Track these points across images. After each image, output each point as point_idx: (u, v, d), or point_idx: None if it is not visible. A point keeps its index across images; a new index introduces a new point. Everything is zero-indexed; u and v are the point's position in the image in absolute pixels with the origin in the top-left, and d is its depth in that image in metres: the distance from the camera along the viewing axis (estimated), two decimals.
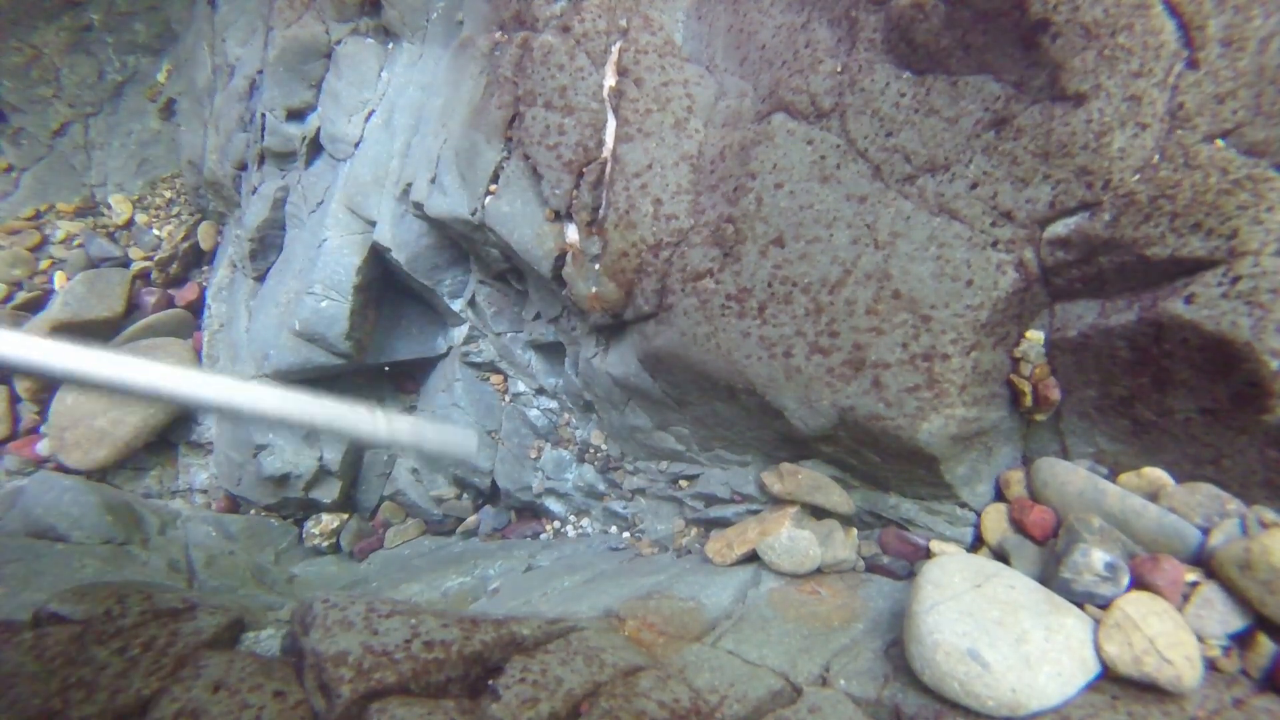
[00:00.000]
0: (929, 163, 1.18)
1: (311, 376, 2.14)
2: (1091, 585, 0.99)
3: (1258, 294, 0.95)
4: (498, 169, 1.68)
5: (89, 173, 3.28)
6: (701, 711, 0.96)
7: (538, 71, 1.58)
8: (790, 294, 1.26)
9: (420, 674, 0.92)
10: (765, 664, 1.10)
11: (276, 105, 2.29)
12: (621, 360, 1.59)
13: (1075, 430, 1.20)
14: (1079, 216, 1.06)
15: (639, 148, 1.47)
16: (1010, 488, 1.25)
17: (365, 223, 2.09)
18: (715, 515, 1.56)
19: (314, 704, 0.89)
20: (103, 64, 3.26)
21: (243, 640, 1.05)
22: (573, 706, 0.93)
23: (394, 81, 2.17)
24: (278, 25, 2.28)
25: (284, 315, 2.11)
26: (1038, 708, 0.89)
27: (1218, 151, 0.99)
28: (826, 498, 1.34)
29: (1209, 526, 1.03)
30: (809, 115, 1.30)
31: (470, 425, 1.92)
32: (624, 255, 1.46)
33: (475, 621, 1.06)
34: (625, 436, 1.76)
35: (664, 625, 1.21)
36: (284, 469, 2.11)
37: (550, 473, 1.99)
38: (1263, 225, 0.97)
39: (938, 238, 1.16)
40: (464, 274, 2.07)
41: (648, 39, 1.54)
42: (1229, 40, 1.00)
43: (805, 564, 1.29)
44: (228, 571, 1.81)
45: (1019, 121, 1.09)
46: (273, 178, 2.43)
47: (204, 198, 2.93)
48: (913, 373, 1.16)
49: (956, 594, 1.00)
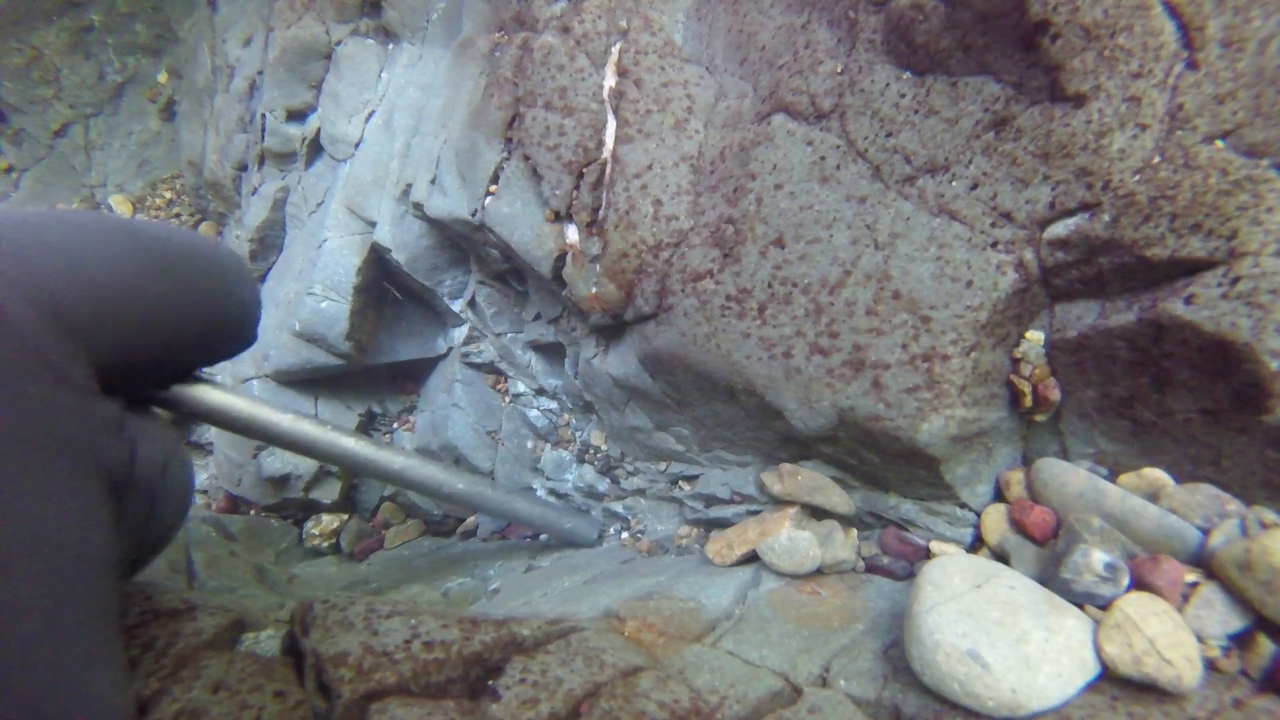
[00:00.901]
0: (929, 163, 1.18)
1: (311, 377, 2.14)
2: (1091, 586, 0.99)
3: (1257, 295, 0.95)
4: (498, 170, 1.68)
5: (89, 173, 3.28)
6: (701, 712, 0.96)
7: (538, 72, 1.59)
8: (790, 294, 1.26)
9: (420, 674, 0.92)
10: (765, 664, 1.10)
11: (276, 106, 2.29)
12: (621, 361, 1.59)
13: (1075, 431, 1.20)
14: (1079, 217, 1.06)
15: (639, 148, 1.47)
16: (1010, 488, 1.25)
17: (365, 223, 2.09)
18: (715, 516, 1.56)
19: (314, 704, 0.89)
20: (103, 65, 3.26)
21: (243, 641, 1.05)
22: (573, 707, 0.93)
23: (394, 82, 2.17)
24: (278, 26, 2.28)
25: (284, 316, 2.11)
26: (1038, 708, 0.89)
27: (1217, 152, 0.99)
28: (826, 498, 1.34)
29: (1209, 527, 1.03)
30: (809, 116, 1.30)
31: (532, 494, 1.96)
32: (624, 256, 1.46)
33: (475, 622, 1.06)
34: (625, 437, 1.76)
35: (664, 626, 1.21)
36: (284, 469, 2.11)
37: (550, 473, 1.99)
38: (1262, 226, 0.97)
39: (938, 238, 1.16)
40: (464, 275, 2.07)
41: (648, 40, 1.54)
42: (1229, 41, 1.00)
43: (805, 564, 1.29)
44: (228, 572, 1.81)
45: (1019, 122, 1.09)
46: (273, 178, 2.43)
47: (204, 198, 2.93)
48: (912, 373, 1.16)
49: (956, 594, 1.00)
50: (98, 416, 0.71)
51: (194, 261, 0.97)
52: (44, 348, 0.63)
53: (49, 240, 0.71)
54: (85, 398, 0.68)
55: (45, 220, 0.75)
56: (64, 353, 0.66)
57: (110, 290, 0.76)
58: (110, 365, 0.74)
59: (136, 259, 0.84)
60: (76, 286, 0.70)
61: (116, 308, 0.77)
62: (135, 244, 0.85)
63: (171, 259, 0.91)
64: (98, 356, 0.71)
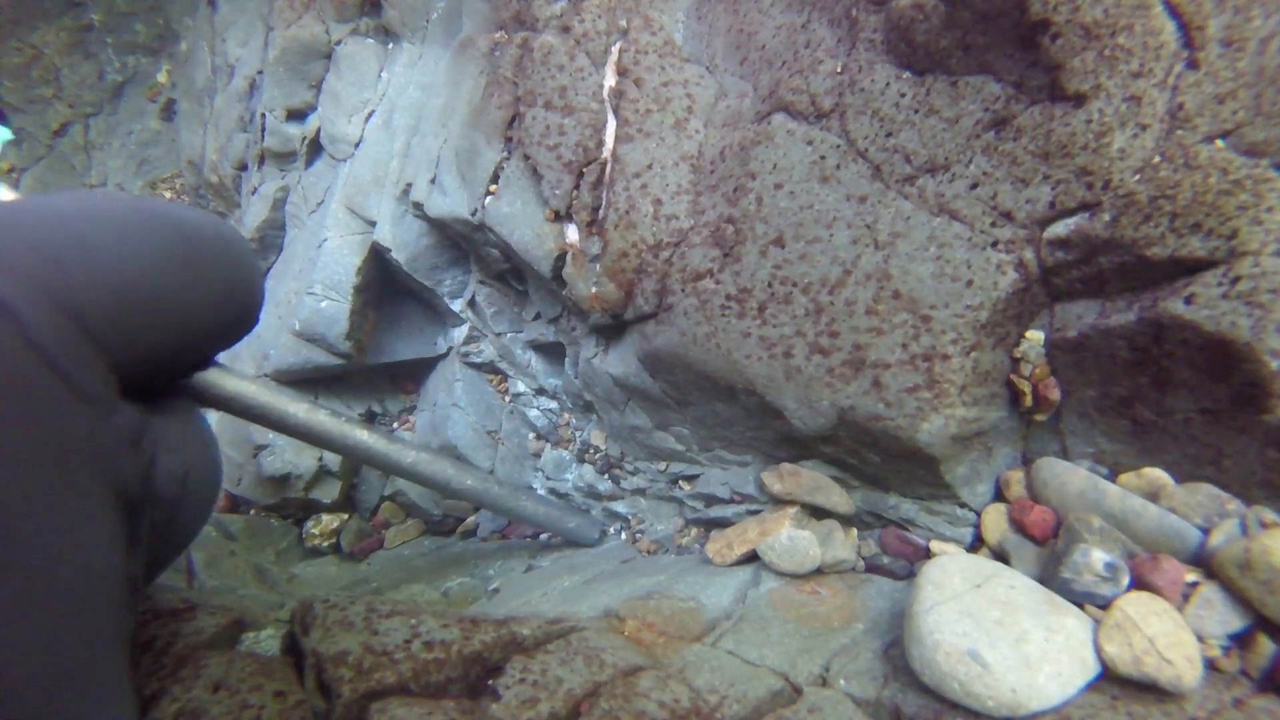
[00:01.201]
0: (929, 163, 1.18)
1: (311, 377, 2.14)
2: (1091, 585, 0.99)
3: (1258, 294, 0.95)
4: (498, 169, 1.68)
5: (89, 173, 3.28)
6: (701, 712, 0.96)
7: (538, 72, 1.58)
8: (790, 294, 1.26)
9: (420, 674, 0.92)
10: (765, 664, 1.10)
11: (276, 105, 2.29)
12: (621, 360, 1.59)
13: (1075, 430, 1.20)
14: (1079, 217, 1.06)
15: (639, 148, 1.47)
16: (1010, 488, 1.25)
17: (365, 223, 2.09)
18: (715, 515, 1.56)
19: (314, 704, 0.89)
20: (103, 64, 3.26)
21: (243, 640, 1.05)
22: (573, 706, 0.93)
23: (394, 82, 2.17)
24: (278, 26, 2.28)
25: (284, 315, 2.11)
26: (1038, 708, 0.89)
27: (1217, 152, 0.99)
28: (826, 498, 1.34)
29: (1209, 527, 1.03)
30: (809, 115, 1.30)
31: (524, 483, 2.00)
32: (624, 255, 1.46)
33: (475, 621, 1.06)
34: (625, 437, 1.76)
35: (664, 625, 1.21)
36: (284, 469, 2.11)
37: (550, 473, 1.99)
38: (1262, 226, 0.96)
39: (938, 238, 1.16)
40: (464, 274, 2.07)
41: (648, 39, 1.54)
42: (1229, 41, 1.00)
43: (805, 564, 1.29)
44: (228, 571, 1.81)
45: (1019, 122, 1.09)
46: (273, 178, 2.43)
47: (204, 198, 2.93)
48: (913, 373, 1.16)
49: (956, 594, 1.00)
50: (114, 431, 0.69)
51: (214, 250, 0.94)
52: (63, 360, 0.61)
53: (79, 236, 0.69)
54: (103, 412, 0.66)
55: (75, 212, 0.72)
56: (84, 361, 0.64)
57: (136, 291, 0.74)
58: (131, 365, 0.73)
59: (163, 253, 0.81)
60: (103, 288, 0.68)
61: (142, 308, 0.75)
62: (162, 237, 0.82)
63: (195, 250, 0.88)
64: (119, 358, 0.70)
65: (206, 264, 0.91)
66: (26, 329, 0.57)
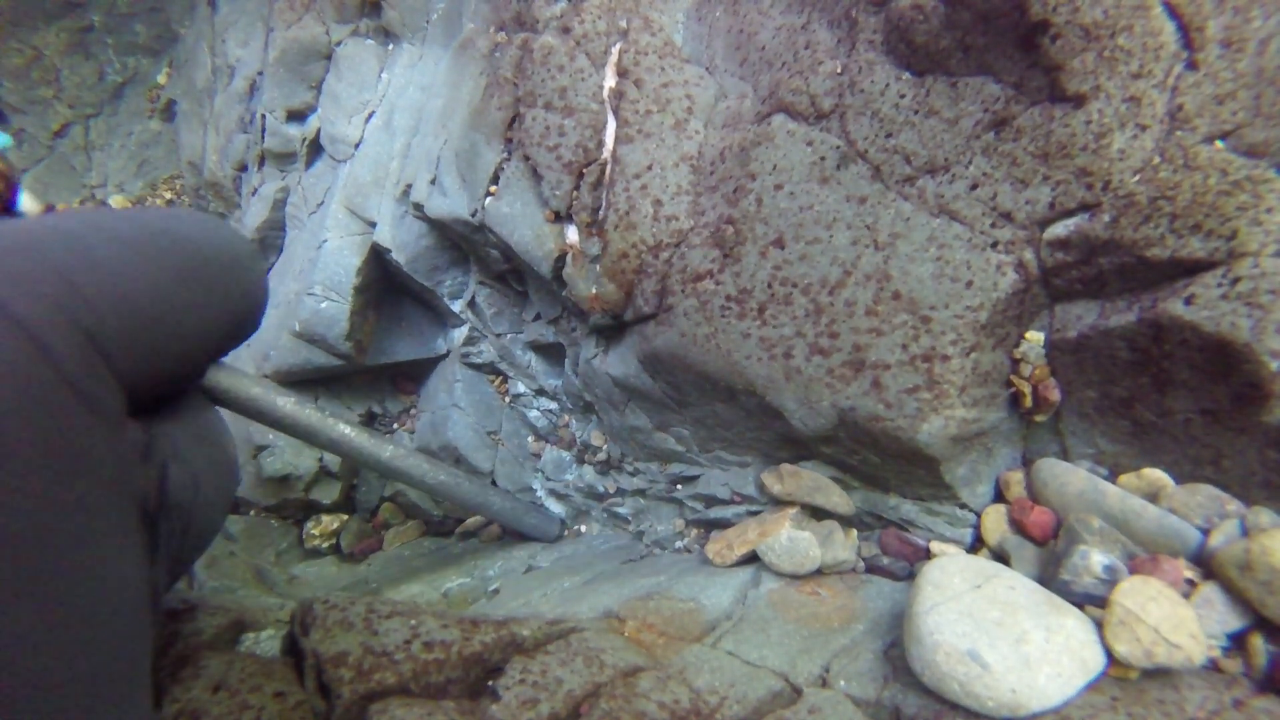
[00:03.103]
0: (929, 164, 1.18)
1: (311, 377, 2.14)
2: (1091, 587, 0.99)
3: (1257, 295, 0.95)
4: (498, 170, 1.68)
5: (89, 174, 3.28)
6: (701, 712, 0.96)
7: (538, 73, 1.59)
8: (790, 295, 1.26)
9: (420, 674, 0.92)
10: (765, 665, 1.10)
11: (276, 106, 2.30)
12: (621, 361, 1.59)
13: (1075, 431, 1.20)
14: (1079, 217, 1.07)
15: (639, 149, 1.47)
16: (1010, 489, 1.25)
17: (365, 223, 2.09)
18: (715, 516, 1.56)
19: (314, 704, 0.89)
20: (103, 65, 3.26)
21: (243, 641, 1.05)
22: (573, 707, 0.93)
23: (394, 83, 2.17)
24: (278, 26, 2.28)
25: (284, 316, 2.11)
26: (1038, 708, 0.89)
27: (1217, 153, 0.99)
28: (826, 498, 1.34)
29: (1209, 527, 1.03)
30: (809, 116, 1.30)
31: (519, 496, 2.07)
32: (624, 256, 1.46)
33: (475, 622, 1.06)
34: (625, 437, 1.76)
35: (664, 626, 1.21)
36: (284, 470, 2.11)
37: (550, 473, 1.99)
38: (1262, 226, 0.97)
39: (938, 239, 1.16)
40: (464, 275, 2.07)
41: (648, 40, 1.54)
42: (1228, 41, 1.00)
43: (805, 565, 1.29)
44: (228, 572, 1.81)
45: (1019, 122, 1.09)
46: (273, 179, 2.43)
47: (204, 199, 2.93)
48: (912, 374, 1.16)
49: (956, 595, 1.00)
50: (128, 446, 0.69)
51: (223, 265, 0.95)
52: (82, 380, 0.62)
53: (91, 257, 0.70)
54: (117, 427, 0.67)
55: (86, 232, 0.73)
56: (100, 380, 0.65)
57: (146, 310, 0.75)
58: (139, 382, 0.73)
59: (172, 272, 0.82)
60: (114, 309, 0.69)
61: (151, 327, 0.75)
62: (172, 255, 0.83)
63: (204, 267, 0.89)
64: (128, 377, 0.71)
65: (215, 281, 0.92)
66: (47, 349, 0.58)
